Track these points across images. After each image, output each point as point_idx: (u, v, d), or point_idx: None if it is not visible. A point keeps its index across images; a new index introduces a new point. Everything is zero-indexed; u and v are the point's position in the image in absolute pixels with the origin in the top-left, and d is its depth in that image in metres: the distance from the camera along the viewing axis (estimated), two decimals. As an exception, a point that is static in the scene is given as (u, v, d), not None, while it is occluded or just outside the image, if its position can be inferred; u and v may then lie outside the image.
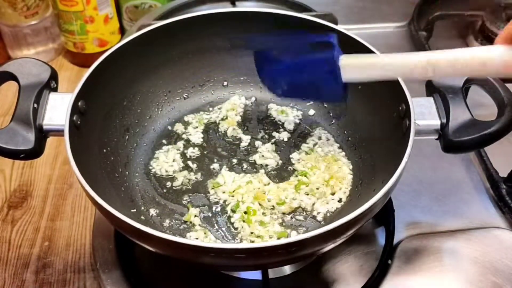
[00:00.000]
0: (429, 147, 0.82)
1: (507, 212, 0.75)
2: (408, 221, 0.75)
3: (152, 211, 0.70)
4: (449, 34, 1.08)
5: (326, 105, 0.83)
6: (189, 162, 0.76)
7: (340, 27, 0.76)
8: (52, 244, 0.80)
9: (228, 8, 0.83)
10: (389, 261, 0.69)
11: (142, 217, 0.69)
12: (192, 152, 0.78)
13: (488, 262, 0.69)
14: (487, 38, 1.03)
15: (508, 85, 0.66)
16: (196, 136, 0.80)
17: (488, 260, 0.69)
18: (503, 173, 0.78)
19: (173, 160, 0.76)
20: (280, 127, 0.82)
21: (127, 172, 0.73)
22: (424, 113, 0.65)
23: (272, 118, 0.83)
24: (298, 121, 0.82)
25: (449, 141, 0.63)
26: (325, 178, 0.73)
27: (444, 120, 0.64)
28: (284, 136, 0.80)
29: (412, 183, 0.78)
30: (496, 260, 0.69)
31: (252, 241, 0.66)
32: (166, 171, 0.75)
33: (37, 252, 0.79)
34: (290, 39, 0.68)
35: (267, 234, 0.67)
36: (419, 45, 1.03)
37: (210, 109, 0.84)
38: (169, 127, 0.81)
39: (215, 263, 0.58)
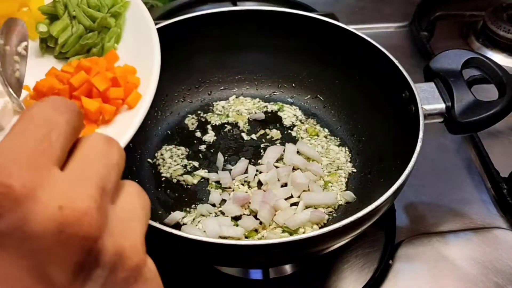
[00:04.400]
0: (430, 147, 0.82)
1: (508, 213, 0.75)
2: (409, 221, 0.75)
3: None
4: (450, 34, 1.08)
5: (323, 99, 0.83)
6: (193, 163, 0.76)
7: (342, 25, 0.76)
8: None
9: (229, 8, 0.82)
10: (390, 261, 0.69)
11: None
12: (194, 153, 0.78)
13: (489, 262, 0.69)
14: (488, 38, 1.02)
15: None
16: (198, 138, 0.80)
17: (489, 260, 0.69)
18: (504, 173, 0.78)
19: (178, 164, 0.76)
20: (278, 123, 0.82)
21: (136, 180, 0.73)
22: (428, 98, 0.67)
23: (269, 114, 0.83)
24: (296, 116, 0.82)
25: (457, 123, 0.65)
26: (326, 172, 0.74)
27: (449, 103, 0.66)
28: (282, 132, 0.80)
29: (413, 183, 0.78)
30: (497, 260, 0.69)
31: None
32: (172, 175, 0.74)
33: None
34: None
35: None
36: (420, 46, 1.03)
37: (209, 109, 0.84)
38: (169, 132, 0.81)
39: (216, 258, 0.59)
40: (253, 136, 0.80)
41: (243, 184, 0.73)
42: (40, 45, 0.64)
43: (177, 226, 0.68)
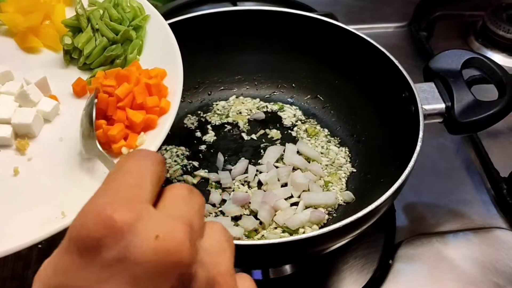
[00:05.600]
0: (430, 147, 0.82)
1: (508, 213, 0.75)
2: (409, 221, 0.75)
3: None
4: (450, 34, 1.08)
5: (323, 99, 0.83)
6: (193, 163, 0.76)
7: (342, 25, 0.76)
8: (52, 244, 0.80)
9: (229, 8, 0.82)
10: (390, 262, 0.69)
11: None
12: (194, 153, 0.78)
13: (489, 263, 0.69)
14: (488, 38, 1.02)
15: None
16: (198, 138, 0.80)
17: (489, 260, 0.69)
18: (504, 173, 0.78)
19: (178, 164, 0.76)
20: (278, 123, 0.82)
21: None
22: (427, 98, 0.67)
23: (269, 114, 0.83)
24: (296, 116, 0.82)
25: (457, 123, 0.66)
26: (325, 172, 0.74)
27: (449, 103, 0.67)
28: (282, 132, 0.80)
29: (413, 183, 0.78)
30: (497, 260, 0.69)
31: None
32: (172, 176, 0.74)
33: (37, 252, 0.79)
34: None
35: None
36: (419, 46, 1.03)
37: (209, 109, 0.84)
38: (169, 132, 0.80)
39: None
40: (253, 136, 0.80)
41: (243, 184, 0.73)
42: (65, 57, 0.66)
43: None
